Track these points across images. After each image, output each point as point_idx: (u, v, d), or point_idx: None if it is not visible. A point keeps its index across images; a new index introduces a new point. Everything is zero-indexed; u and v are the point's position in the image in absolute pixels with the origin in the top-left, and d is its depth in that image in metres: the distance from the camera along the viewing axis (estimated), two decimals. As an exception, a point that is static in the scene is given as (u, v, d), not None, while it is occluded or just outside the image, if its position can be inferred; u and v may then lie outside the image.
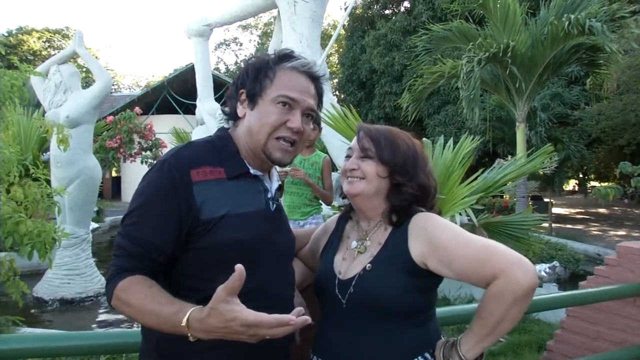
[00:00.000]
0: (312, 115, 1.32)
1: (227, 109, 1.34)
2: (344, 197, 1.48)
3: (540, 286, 6.60)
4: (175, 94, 19.68)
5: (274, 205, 1.32)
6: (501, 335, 1.25)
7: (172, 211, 1.16)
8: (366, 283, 1.31)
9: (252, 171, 1.28)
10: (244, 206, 1.23)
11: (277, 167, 1.39)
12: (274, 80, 1.26)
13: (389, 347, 1.28)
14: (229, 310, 1.01)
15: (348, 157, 1.43)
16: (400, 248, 1.32)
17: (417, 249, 1.29)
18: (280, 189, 1.41)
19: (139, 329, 1.33)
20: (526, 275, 1.15)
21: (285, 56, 1.30)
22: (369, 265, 1.33)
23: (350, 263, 1.39)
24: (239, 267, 1.00)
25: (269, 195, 1.32)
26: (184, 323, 1.05)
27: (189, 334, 1.06)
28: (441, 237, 1.27)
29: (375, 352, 1.28)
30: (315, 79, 1.32)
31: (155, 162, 1.27)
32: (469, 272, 1.22)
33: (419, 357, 1.29)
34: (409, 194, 1.36)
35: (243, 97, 1.30)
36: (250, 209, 1.24)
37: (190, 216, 1.16)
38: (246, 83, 1.29)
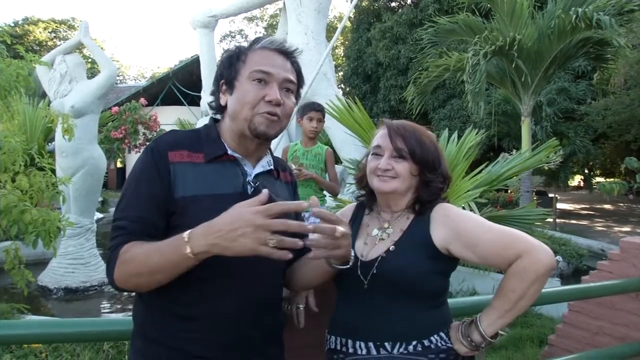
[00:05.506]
0: (291, 90, 1.33)
1: (213, 103, 1.38)
2: (370, 191, 1.52)
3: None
4: (180, 85, 19.68)
5: (252, 189, 1.30)
6: (520, 312, 1.33)
7: (158, 189, 1.22)
8: (389, 264, 1.37)
9: (229, 152, 1.30)
10: (218, 188, 1.25)
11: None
12: (246, 62, 1.29)
13: (407, 325, 1.35)
14: (241, 203, 1.06)
15: (376, 155, 1.46)
16: (423, 234, 1.39)
17: (440, 235, 1.37)
18: (261, 175, 1.36)
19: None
20: (547, 255, 1.27)
21: (257, 39, 1.33)
22: (392, 247, 1.40)
23: (372, 247, 1.45)
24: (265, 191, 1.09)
25: (248, 179, 1.31)
26: (185, 236, 1.08)
27: (188, 251, 1.07)
28: (466, 224, 1.36)
29: (394, 330, 1.35)
30: (288, 54, 1.33)
31: None
32: (494, 255, 1.31)
33: (435, 336, 1.36)
34: (437, 188, 1.45)
35: (223, 87, 1.33)
36: (224, 191, 1.25)
37: (169, 194, 1.22)
38: (224, 73, 1.32)
